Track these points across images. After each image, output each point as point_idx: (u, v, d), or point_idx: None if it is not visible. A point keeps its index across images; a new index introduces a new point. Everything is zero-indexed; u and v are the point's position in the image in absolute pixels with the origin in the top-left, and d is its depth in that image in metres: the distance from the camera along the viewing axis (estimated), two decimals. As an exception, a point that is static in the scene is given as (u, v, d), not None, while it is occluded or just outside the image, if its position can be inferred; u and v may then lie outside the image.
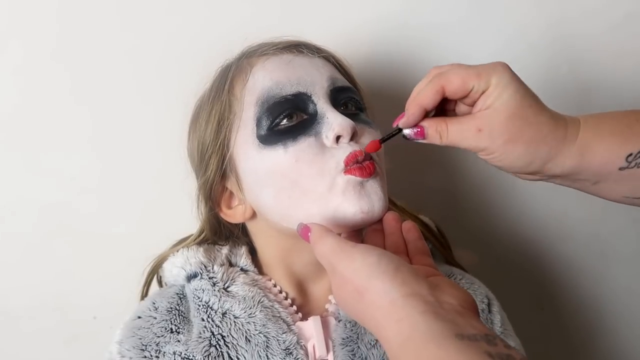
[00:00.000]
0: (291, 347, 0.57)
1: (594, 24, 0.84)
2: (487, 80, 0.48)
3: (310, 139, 0.54)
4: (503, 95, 0.48)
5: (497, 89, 0.48)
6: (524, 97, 0.49)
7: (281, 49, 0.60)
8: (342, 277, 0.45)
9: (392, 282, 0.41)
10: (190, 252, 0.64)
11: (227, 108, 0.59)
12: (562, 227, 0.91)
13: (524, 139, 0.48)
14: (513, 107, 0.48)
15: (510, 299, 0.70)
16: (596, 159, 0.49)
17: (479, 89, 0.49)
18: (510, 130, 0.48)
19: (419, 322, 0.38)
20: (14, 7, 0.72)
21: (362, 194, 0.53)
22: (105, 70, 0.75)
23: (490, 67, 0.49)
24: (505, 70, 0.49)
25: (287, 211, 0.55)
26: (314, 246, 0.48)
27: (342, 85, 0.59)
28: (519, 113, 0.48)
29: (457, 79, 0.49)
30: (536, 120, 0.48)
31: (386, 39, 0.80)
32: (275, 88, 0.56)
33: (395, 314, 0.40)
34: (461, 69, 0.50)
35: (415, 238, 0.54)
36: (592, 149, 0.48)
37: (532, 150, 0.49)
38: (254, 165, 0.56)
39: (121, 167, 0.77)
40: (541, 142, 0.49)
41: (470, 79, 0.49)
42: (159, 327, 0.59)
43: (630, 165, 0.48)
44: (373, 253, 0.44)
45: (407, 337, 0.38)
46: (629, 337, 0.95)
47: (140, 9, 0.75)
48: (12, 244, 0.76)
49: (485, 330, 0.38)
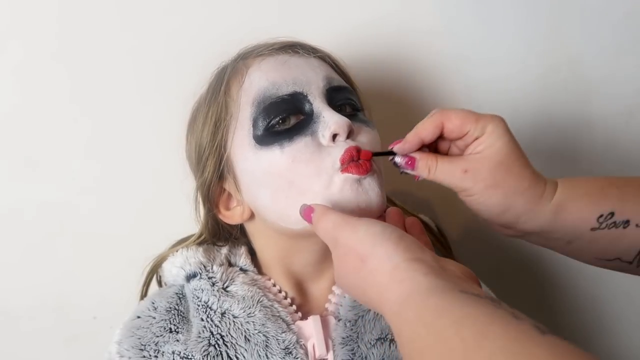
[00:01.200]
0: (291, 346, 0.57)
1: (594, 24, 0.85)
2: (483, 127, 0.51)
3: (306, 138, 0.54)
4: (495, 144, 0.51)
5: (491, 137, 0.51)
6: (512, 150, 0.51)
7: (277, 49, 0.60)
8: (345, 247, 0.45)
9: (396, 248, 0.42)
10: (190, 252, 0.64)
11: (224, 109, 0.59)
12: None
13: (505, 188, 0.51)
14: (502, 156, 0.51)
15: (509, 299, 0.70)
16: (569, 219, 0.51)
17: (474, 133, 0.51)
18: (495, 177, 0.51)
19: (421, 281, 0.39)
20: (13, 7, 0.72)
21: (359, 191, 0.53)
22: (105, 71, 0.75)
23: (489, 117, 0.52)
24: (502, 123, 0.52)
25: (285, 211, 0.55)
26: (317, 224, 0.49)
27: (338, 85, 0.59)
28: (505, 163, 0.51)
29: (457, 119, 0.52)
30: (520, 173, 0.51)
31: (385, 39, 0.80)
32: (272, 88, 0.56)
33: (398, 276, 0.40)
34: (462, 112, 0.52)
35: (418, 232, 0.55)
36: (566, 208, 0.51)
37: (510, 200, 0.51)
38: (251, 165, 0.57)
39: (121, 168, 0.77)
40: (520, 194, 0.51)
41: (469, 122, 0.51)
42: (158, 327, 0.59)
43: (601, 226, 0.50)
44: (377, 223, 0.45)
45: (409, 295, 0.39)
46: (628, 338, 0.95)
47: (140, 10, 0.75)
48: (12, 244, 0.76)
49: (489, 296, 0.38)
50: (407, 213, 0.72)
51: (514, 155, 0.51)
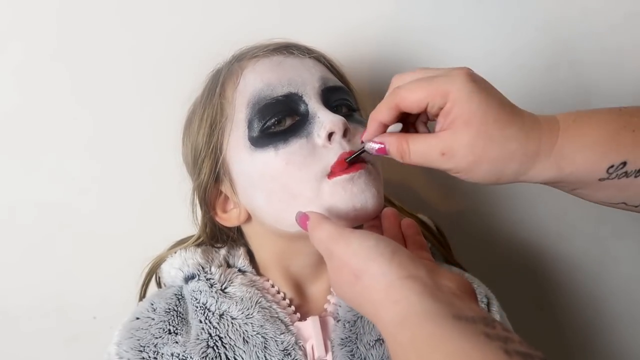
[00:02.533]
0: (289, 347, 0.56)
1: (594, 24, 0.84)
2: (443, 96, 0.45)
3: (301, 140, 0.54)
4: (463, 113, 0.45)
5: (456, 106, 0.45)
6: (486, 111, 0.45)
7: (271, 50, 0.60)
8: (339, 260, 0.45)
9: (390, 265, 0.41)
10: (188, 253, 0.63)
11: (219, 111, 0.59)
12: (562, 227, 0.90)
13: (489, 159, 0.45)
14: (476, 123, 0.45)
15: (509, 299, 0.70)
16: (575, 172, 0.46)
17: (434, 104, 0.46)
18: (475, 152, 0.45)
19: (416, 303, 0.38)
20: (14, 7, 0.72)
21: (353, 191, 0.53)
22: (105, 71, 0.75)
23: (449, 80, 0.46)
24: (465, 82, 0.45)
25: (280, 214, 0.55)
26: (312, 233, 0.48)
27: (333, 85, 0.59)
28: (482, 131, 0.45)
29: (410, 96, 0.47)
30: (502, 137, 0.45)
31: (382, 39, 0.80)
32: (267, 89, 0.56)
33: (392, 296, 0.40)
34: (416, 85, 0.47)
35: (413, 233, 0.54)
36: (571, 161, 0.46)
37: (500, 168, 0.46)
38: (247, 167, 0.56)
39: (121, 168, 0.77)
40: (508, 160, 0.46)
41: (424, 96, 0.46)
42: (157, 328, 0.59)
43: (610, 176, 0.46)
44: (370, 237, 0.44)
45: (404, 318, 0.38)
46: (628, 338, 0.95)
47: (140, 10, 0.75)
48: (11, 244, 0.76)
49: (484, 314, 0.38)
50: (406, 213, 0.72)
51: (490, 118, 0.45)
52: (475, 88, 0.45)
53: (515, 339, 0.35)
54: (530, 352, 0.34)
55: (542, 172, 0.47)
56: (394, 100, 0.48)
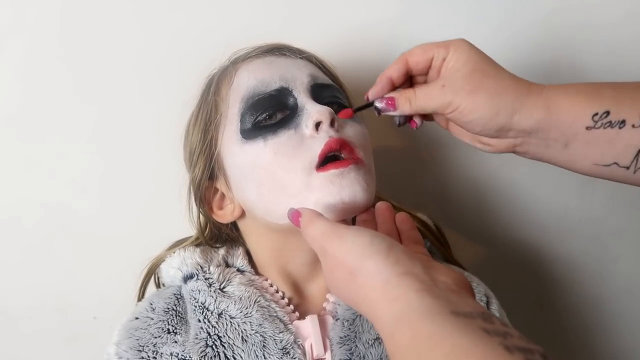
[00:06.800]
0: (288, 346, 0.56)
1: (594, 23, 0.84)
2: (446, 48, 0.52)
3: (290, 131, 0.55)
4: (462, 56, 0.52)
5: (457, 52, 0.52)
6: (482, 58, 0.52)
7: (264, 51, 0.62)
8: (333, 258, 0.44)
9: (386, 262, 0.41)
10: (187, 253, 0.64)
11: (214, 109, 0.60)
12: (562, 227, 0.90)
13: (487, 89, 0.50)
14: (473, 62, 0.51)
15: (509, 298, 0.70)
16: (562, 115, 0.50)
17: (439, 56, 0.53)
18: (472, 82, 0.51)
19: (413, 300, 0.38)
20: (17, 6, 0.72)
21: (342, 185, 0.53)
22: (107, 71, 0.75)
23: (450, 40, 0.53)
24: (464, 41, 0.53)
25: (270, 206, 0.56)
26: (305, 230, 0.48)
27: (323, 82, 0.60)
28: (479, 67, 0.51)
29: (418, 50, 0.54)
30: (496, 74, 0.51)
31: (379, 42, 0.80)
32: (260, 86, 0.58)
33: (389, 293, 0.39)
34: (422, 44, 0.54)
35: (408, 228, 0.54)
36: (558, 103, 0.50)
37: (497, 100, 0.50)
38: (238, 160, 0.57)
39: (121, 168, 0.78)
40: (504, 92, 0.50)
41: (431, 48, 0.53)
42: (156, 327, 0.59)
43: (596, 125, 0.49)
44: (365, 233, 0.44)
45: (401, 315, 0.38)
46: (629, 337, 0.95)
47: (143, 10, 0.75)
48: (12, 245, 0.77)
49: (481, 309, 0.37)
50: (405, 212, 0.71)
51: (485, 62, 0.52)
52: (473, 46, 0.53)
53: (515, 334, 0.35)
54: (530, 346, 0.34)
55: (534, 111, 0.50)
56: (404, 56, 0.54)
